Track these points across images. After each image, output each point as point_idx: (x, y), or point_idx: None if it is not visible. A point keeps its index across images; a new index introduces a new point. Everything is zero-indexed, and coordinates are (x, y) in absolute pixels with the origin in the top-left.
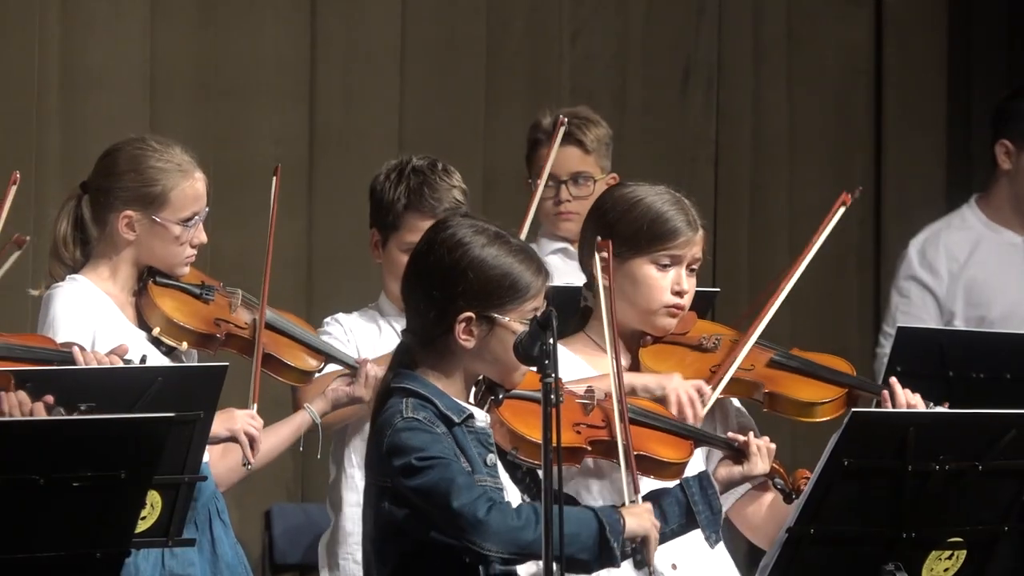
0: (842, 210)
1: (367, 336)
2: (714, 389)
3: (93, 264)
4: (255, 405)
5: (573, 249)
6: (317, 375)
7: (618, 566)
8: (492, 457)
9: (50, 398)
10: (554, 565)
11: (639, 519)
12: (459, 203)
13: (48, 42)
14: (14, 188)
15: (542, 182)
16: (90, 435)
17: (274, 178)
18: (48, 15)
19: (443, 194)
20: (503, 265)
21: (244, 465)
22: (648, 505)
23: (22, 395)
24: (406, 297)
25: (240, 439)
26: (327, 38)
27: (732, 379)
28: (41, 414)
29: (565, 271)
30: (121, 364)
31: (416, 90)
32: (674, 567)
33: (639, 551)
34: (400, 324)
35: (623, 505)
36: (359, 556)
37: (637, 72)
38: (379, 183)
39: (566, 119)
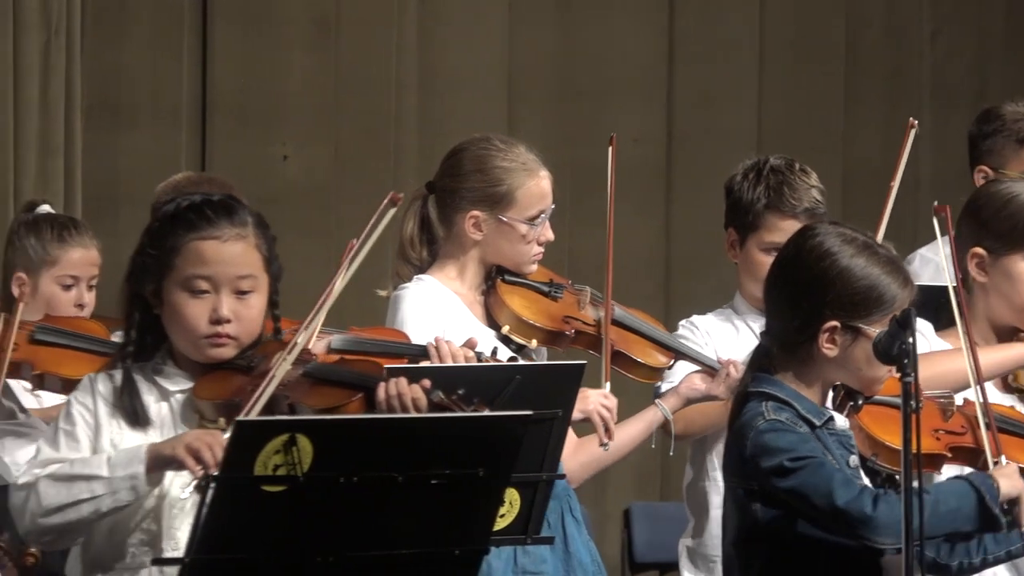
0: None
1: (724, 336)
2: None
3: (440, 264)
4: (608, 384)
5: None
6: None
7: (1001, 530)
8: (854, 459)
9: (427, 382)
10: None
11: (1011, 479)
12: (818, 202)
13: (406, 43)
14: (392, 210)
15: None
16: (448, 433)
17: (610, 148)
18: (406, 17)
19: (802, 193)
20: (870, 276)
21: (602, 446)
22: (1015, 465)
23: (402, 381)
24: (769, 301)
25: (594, 420)
26: (685, 37)
27: None
28: (420, 397)
29: None
30: (472, 355)
31: (774, 89)
32: None
33: (1010, 512)
34: (756, 323)
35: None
36: None
37: (998, 70)
38: (736, 183)
39: (916, 122)
